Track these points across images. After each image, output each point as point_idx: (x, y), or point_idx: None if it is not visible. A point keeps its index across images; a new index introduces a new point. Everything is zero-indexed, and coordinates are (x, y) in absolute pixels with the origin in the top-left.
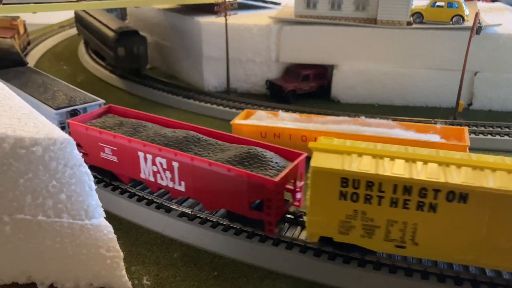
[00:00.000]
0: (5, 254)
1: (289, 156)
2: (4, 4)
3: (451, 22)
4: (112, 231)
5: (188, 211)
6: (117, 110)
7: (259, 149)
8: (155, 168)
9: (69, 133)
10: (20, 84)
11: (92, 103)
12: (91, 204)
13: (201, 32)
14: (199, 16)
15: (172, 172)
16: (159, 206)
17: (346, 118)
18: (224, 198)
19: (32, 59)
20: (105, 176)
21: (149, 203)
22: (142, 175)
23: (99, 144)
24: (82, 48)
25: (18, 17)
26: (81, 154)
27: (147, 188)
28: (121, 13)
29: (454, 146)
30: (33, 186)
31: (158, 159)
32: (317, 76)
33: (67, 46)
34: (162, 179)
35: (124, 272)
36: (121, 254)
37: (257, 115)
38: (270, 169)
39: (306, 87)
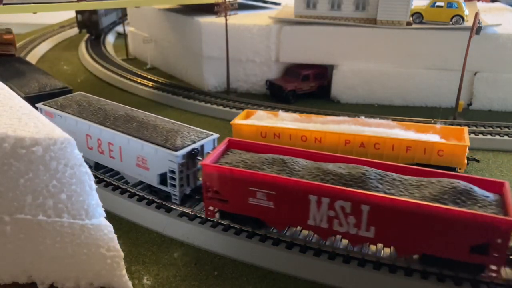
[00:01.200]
0: (6, 254)
1: (485, 185)
2: (4, 4)
3: (450, 22)
4: (113, 230)
5: (189, 211)
6: (238, 144)
7: (463, 183)
8: (332, 213)
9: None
10: (100, 119)
11: (208, 139)
12: (92, 204)
13: (201, 32)
14: (199, 16)
15: (358, 217)
16: (159, 206)
17: (346, 118)
18: (431, 242)
19: (32, 59)
20: (246, 225)
21: (150, 203)
22: (311, 222)
23: (249, 188)
24: (82, 48)
25: (10, 29)
26: (216, 200)
27: (147, 188)
28: (122, 13)
29: (454, 146)
30: (33, 186)
31: (339, 203)
32: (317, 76)
33: (67, 46)
34: (341, 225)
35: (124, 271)
36: (122, 253)
37: (257, 115)
38: (488, 205)
39: (306, 87)
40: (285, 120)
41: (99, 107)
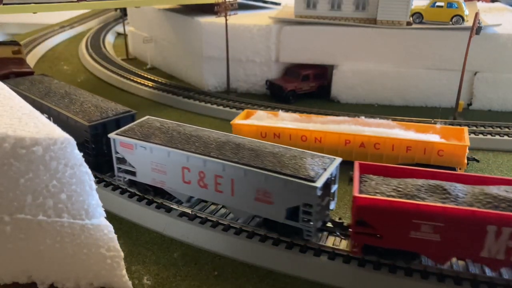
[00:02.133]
0: (6, 254)
1: None
2: (4, 4)
3: (450, 22)
4: (113, 230)
5: (189, 211)
6: (370, 168)
7: None
8: None
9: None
10: (201, 149)
11: (334, 164)
12: (92, 204)
13: (201, 32)
14: (199, 16)
15: None
16: (159, 206)
17: (346, 118)
18: None
19: (32, 59)
20: (399, 259)
21: (150, 202)
22: (484, 254)
23: (413, 221)
24: (82, 48)
25: (17, 42)
26: (366, 235)
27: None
28: (122, 12)
29: (454, 146)
30: (33, 186)
31: None
32: (317, 76)
33: (67, 46)
34: None
35: (124, 271)
36: (122, 253)
37: (257, 115)
38: None
39: (306, 87)
40: (285, 120)
41: (190, 133)
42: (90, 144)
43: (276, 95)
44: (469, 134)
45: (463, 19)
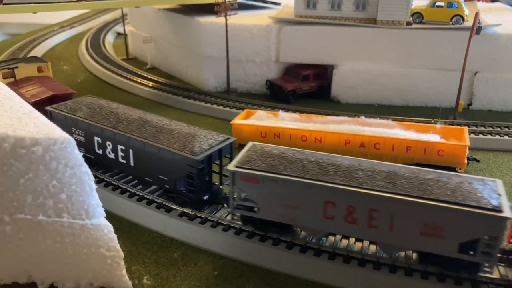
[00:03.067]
0: (6, 254)
1: None
2: (4, 4)
3: (451, 22)
4: (113, 230)
5: (189, 210)
6: None
7: None
8: None
9: None
10: (348, 180)
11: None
12: (92, 204)
13: (201, 32)
14: (199, 16)
15: None
16: (159, 206)
17: (346, 118)
18: None
19: None
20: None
21: (150, 202)
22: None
23: None
24: (82, 48)
25: (41, 59)
26: None
27: (148, 187)
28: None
29: (454, 146)
30: (33, 186)
31: None
32: (317, 76)
33: (67, 46)
34: None
35: (124, 271)
36: (122, 253)
37: (257, 115)
38: None
39: (306, 87)
40: (285, 120)
41: (320, 161)
42: (195, 180)
43: (276, 95)
44: (469, 134)
45: (463, 19)
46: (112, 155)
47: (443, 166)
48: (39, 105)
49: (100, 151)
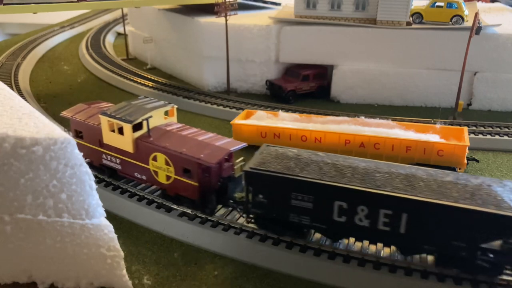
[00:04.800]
0: (6, 253)
1: None
2: (4, 4)
3: (450, 22)
4: (113, 230)
5: (189, 210)
6: None
7: None
8: None
9: None
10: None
11: None
12: (92, 204)
13: (201, 32)
14: (199, 16)
15: None
16: (159, 206)
17: (346, 118)
18: None
19: (32, 59)
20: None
21: (150, 202)
22: None
23: None
24: (82, 48)
25: (165, 102)
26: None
27: (148, 187)
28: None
29: (453, 146)
30: (33, 185)
31: None
32: (317, 76)
33: (67, 46)
34: None
35: (124, 271)
36: (122, 253)
37: (257, 115)
38: None
39: (306, 87)
40: (285, 120)
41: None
42: None
43: (276, 95)
44: (469, 134)
45: (463, 19)
46: (364, 222)
47: (443, 166)
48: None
49: (342, 219)
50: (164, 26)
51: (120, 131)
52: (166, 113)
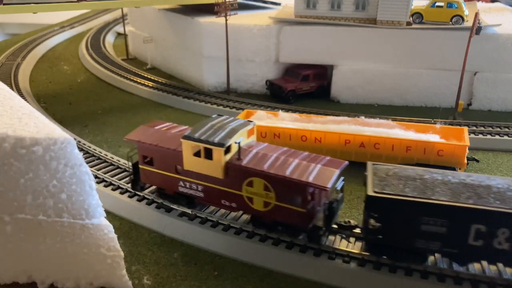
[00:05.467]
0: (6, 253)
1: None
2: (4, 4)
3: (450, 22)
4: (113, 230)
5: (188, 210)
6: None
7: None
8: None
9: None
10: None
11: None
12: (92, 204)
13: (201, 32)
14: (199, 16)
15: None
16: (159, 206)
17: (346, 118)
18: None
19: (33, 59)
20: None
21: (150, 203)
22: None
23: None
24: (82, 48)
25: (247, 120)
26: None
27: (148, 187)
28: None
29: (453, 146)
30: (33, 185)
31: None
32: (317, 76)
33: (67, 46)
34: None
35: (124, 271)
36: (122, 253)
37: (257, 115)
38: None
39: (306, 87)
40: (285, 120)
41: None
42: None
43: (276, 95)
44: (469, 134)
45: (463, 19)
46: (504, 246)
47: (443, 166)
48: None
49: (479, 242)
50: (164, 26)
51: (208, 155)
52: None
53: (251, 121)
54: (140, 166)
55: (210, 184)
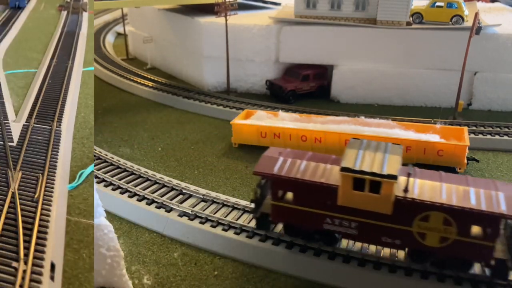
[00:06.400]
0: None
1: None
2: None
3: (450, 22)
4: (113, 230)
5: (189, 210)
6: None
7: None
8: None
9: None
10: None
11: None
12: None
13: (201, 32)
14: (199, 16)
15: None
16: (159, 206)
17: (346, 118)
18: None
19: None
20: None
21: (150, 203)
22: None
23: None
24: None
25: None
26: None
27: (148, 187)
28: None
29: (453, 146)
30: None
31: None
32: (317, 76)
33: None
34: None
35: (124, 271)
36: (122, 253)
37: (257, 115)
38: None
39: (306, 87)
40: (285, 120)
41: None
42: None
43: (276, 95)
44: (469, 134)
45: (463, 19)
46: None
47: (443, 166)
48: None
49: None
50: (164, 26)
51: (375, 189)
52: None
53: (399, 144)
54: (272, 202)
55: (370, 220)
